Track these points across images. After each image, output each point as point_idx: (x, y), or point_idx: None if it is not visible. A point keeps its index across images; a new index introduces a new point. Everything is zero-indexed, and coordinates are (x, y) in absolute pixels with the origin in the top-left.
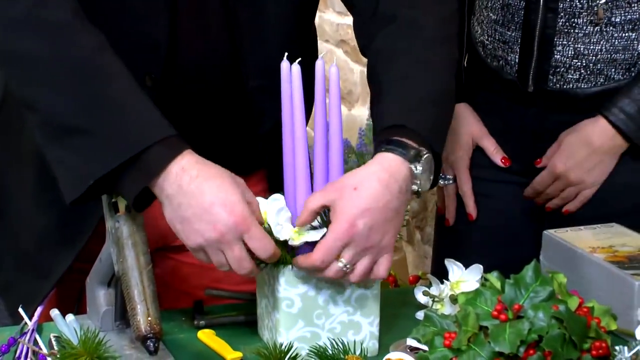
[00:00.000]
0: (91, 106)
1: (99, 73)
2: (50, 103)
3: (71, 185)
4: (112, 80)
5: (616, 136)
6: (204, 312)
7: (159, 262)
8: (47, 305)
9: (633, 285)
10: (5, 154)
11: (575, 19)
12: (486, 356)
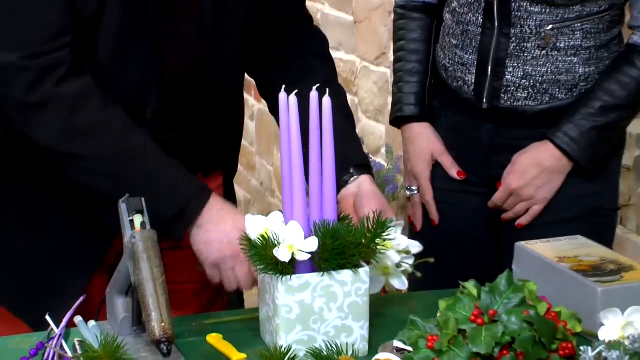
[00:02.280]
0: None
1: (134, 154)
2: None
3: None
4: (145, 157)
5: (562, 158)
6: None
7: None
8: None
9: (596, 292)
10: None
11: (525, 44)
12: (465, 356)
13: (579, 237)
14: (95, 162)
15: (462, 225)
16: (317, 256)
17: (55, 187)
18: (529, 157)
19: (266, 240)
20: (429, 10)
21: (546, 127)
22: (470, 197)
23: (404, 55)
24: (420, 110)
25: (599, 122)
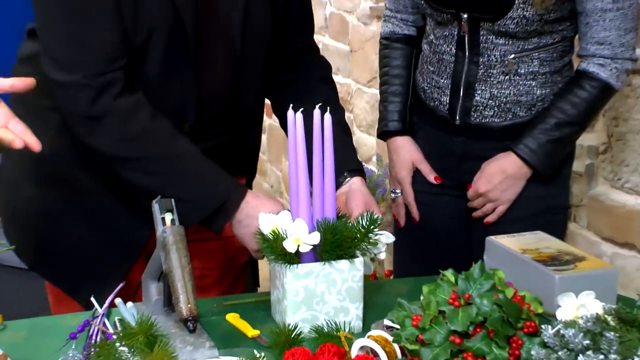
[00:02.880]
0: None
1: (178, 156)
2: (149, 183)
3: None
4: (188, 159)
5: (523, 166)
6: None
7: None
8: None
9: (554, 278)
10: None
11: (491, 70)
12: (444, 334)
13: (539, 232)
14: (146, 164)
15: (439, 222)
16: (319, 248)
17: (107, 190)
18: (495, 165)
19: (276, 235)
20: (410, 41)
21: (509, 140)
22: (445, 198)
23: (388, 79)
24: (403, 125)
25: (554, 136)
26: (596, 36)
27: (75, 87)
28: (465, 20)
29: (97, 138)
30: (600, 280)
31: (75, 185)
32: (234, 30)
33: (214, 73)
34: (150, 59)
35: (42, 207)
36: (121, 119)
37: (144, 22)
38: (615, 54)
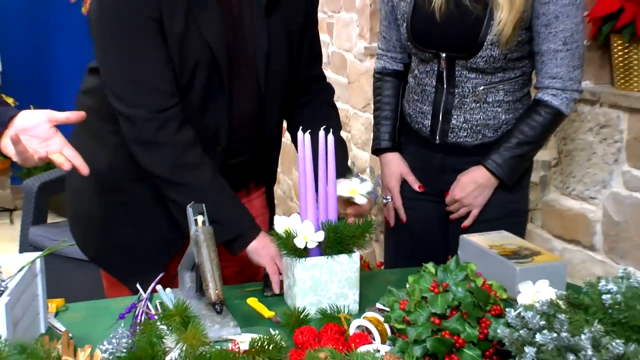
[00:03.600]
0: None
1: (214, 188)
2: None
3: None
4: (221, 192)
5: (491, 177)
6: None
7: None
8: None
9: (515, 270)
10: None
11: (464, 99)
12: (426, 315)
13: (503, 232)
14: (189, 190)
15: (422, 223)
16: (323, 245)
17: (150, 199)
18: (468, 176)
19: (288, 234)
20: (398, 75)
21: (480, 156)
22: (427, 203)
23: (380, 106)
24: (392, 144)
25: (516, 153)
26: (550, 72)
27: (140, 120)
28: (444, 58)
29: (155, 162)
30: (552, 271)
31: (126, 195)
32: (259, 68)
33: (242, 104)
34: (192, 93)
35: (100, 211)
36: (179, 150)
37: (188, 62)
38: (565, 86)
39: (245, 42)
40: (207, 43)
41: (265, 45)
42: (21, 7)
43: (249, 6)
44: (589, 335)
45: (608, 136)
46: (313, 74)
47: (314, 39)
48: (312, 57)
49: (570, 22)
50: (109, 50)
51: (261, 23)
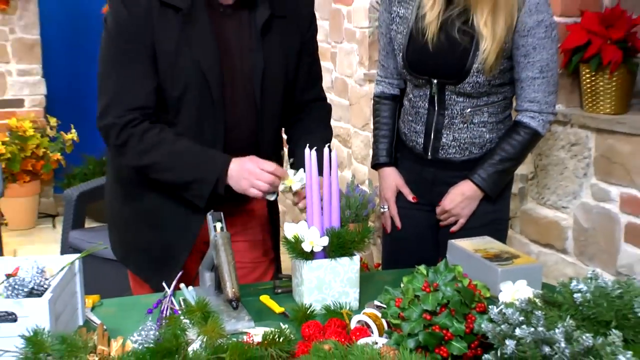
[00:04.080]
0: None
1: (181, 151)
2: (169, 177)
3: (199, 201)
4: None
5: (477, 190)
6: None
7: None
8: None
9: (497, 271)
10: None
11: (453, 120)
12: (418, 312)
13: (487, 237)
14: (160, 165)
15: (415, 229)
16: (327, 248)
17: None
18: (457, 189)
19: (297, 239)
20: (395, 99)
21: (467, 170)
22: (420, 212)
23: (379, 126)
24: (390, 159)
25: (499, 168)
26: (528, 96)
27: (108, 127)
28: (435, 84)
29: (125, 157)
30: (530, 272)
31: (144, 202)
32: (255, 86)
33: (237, 121)
34: (185, 109)
35: (124, 217)
36: (137, 139)
37: (179, 79)
38: (541, 109)
39: (241, 61)
40: (198, 63)
41: (261, 64)
42: (64, 39)
43: (246, 28)
44: (562, 330)
45: (578, 153)
46: (311, 96)
47: (312, 63)
48: (310, 80)
49: (545, 53)
50: (100, 67)
51: (257, 44)
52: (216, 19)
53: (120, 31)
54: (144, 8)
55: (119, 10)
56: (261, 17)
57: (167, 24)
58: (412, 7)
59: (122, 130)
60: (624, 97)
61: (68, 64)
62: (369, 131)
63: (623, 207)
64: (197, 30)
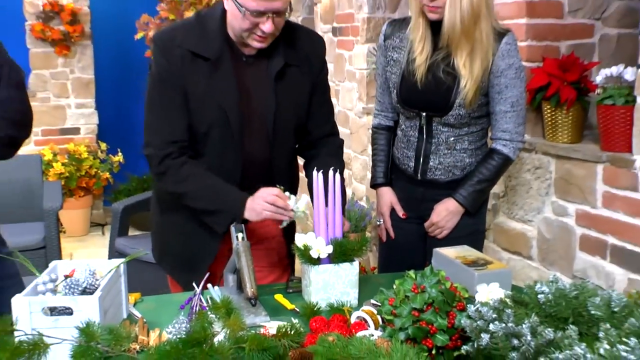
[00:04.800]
0: (216, 202)
1: (210, 185)
2: (199, 204)
3: (220, 228)
4: (216, 192)
5: (459, 206)
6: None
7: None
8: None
9: (474, 275)
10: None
11: (439, 147)
12: (408, 309)
13: (465, 246)
14: (192, 194)
15: (406, 239)
16: (331, 255)
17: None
18: (442, 205)
19: (306, 247)
20: (390, 129)
21: (451, 190)
22: (410, 225)
23: (376, 152)
24: (386, 180)
25: (477, 188)
26: (501, 127)
27: (150, 157)
28: (424, 116)
29: (163, 184)
30: (501, 276)
31: (176, 215)
32: (268, 125)
33: (253, 153)
34: (210, 143)
35: (161, 227)
36: (175, 171)
37: (205, 119)
38: (512, 138)
39: (258, 103)
40: (222, 104)
41: (273, 106)
42: (114, 78)
43: (263, 75)
44: (528, 325)
45: (541, 175)
46: (324, 132)
47: (324, 103)
48: (322, 117)
49: (516, 91)
50: (145, 105)
51: (270, 90)
52: (238, 67)
53: (160, 77)
54: (179, 58)
55: (160, 60)
56: (276, 65)
57: (197, 71)
58: (404, 52)
59: (162, 161)
60: (579, 129)
61: (116, 99)
62: (367, 156)
63: (578, 221)
64: (221, 76)
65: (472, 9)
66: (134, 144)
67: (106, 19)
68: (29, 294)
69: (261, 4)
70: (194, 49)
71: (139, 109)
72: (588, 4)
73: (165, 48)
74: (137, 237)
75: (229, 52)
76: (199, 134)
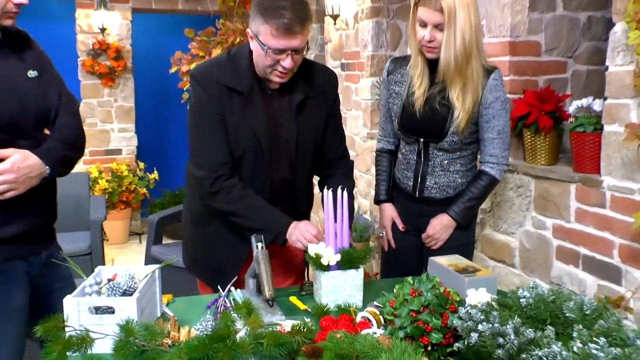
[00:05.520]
0: (262, 221)
1: (256, 206)
2: (244, 223)
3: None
4: (262, 207)
5: (452, 221)
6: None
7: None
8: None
9: (464, 280)
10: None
11: (435, 168)
12: (407, 311)
13: (457, 255)
14: (242, 213)
15: (405, 249)
16: (339, 263)
17: (224, 229)
18: (437, 220)
19: (317, 255)
20: (391, 153)
21: (445, 206)
22: (409, 237)
23: (380, 172)
24: (387, 197)
25: (468, 205)
26: (489, 152)
27: (202, 179)
28: (422, 142)
29: (215, 202)
30: (488, 282)
31: (208, 227)
32: (291, 148)
33: (279, 172)
34: (244, 165)
35: (192, 237)
36: (227, 192)
37: (240, 144)
38: (499, 162)
39: (283, 130)
40: (255, 132)
41: (295, 134)
42: (151, 106)
43: (286, 106)
44: (512, 325)
45: (522, 193)
46: (337, 154)
47: (336, 129)
48: (335, 142)
49: (502, 120)
50: (191, 133)
51: (292, 120)
52: (266, 99)
53: (202, 109)
54: (217, 91)
55: (200, 93)
56: (297, 98)
57: (232, 103)
58: (405, 86)
59: (214, 183)
60: (555, 153)
61: (153, 124)
62: (371, 175)
63: (554, 234)
64: (253, 107)
65: (464, 50)
66: (168, 164)
67: (145, 56)
68: (77, 295)
69: (281, 43)
70: (229, 84)
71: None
72: (562, 45)
73: (205, 83)
74: (170, 245)
75: (258, 86)
76: (235, 157)
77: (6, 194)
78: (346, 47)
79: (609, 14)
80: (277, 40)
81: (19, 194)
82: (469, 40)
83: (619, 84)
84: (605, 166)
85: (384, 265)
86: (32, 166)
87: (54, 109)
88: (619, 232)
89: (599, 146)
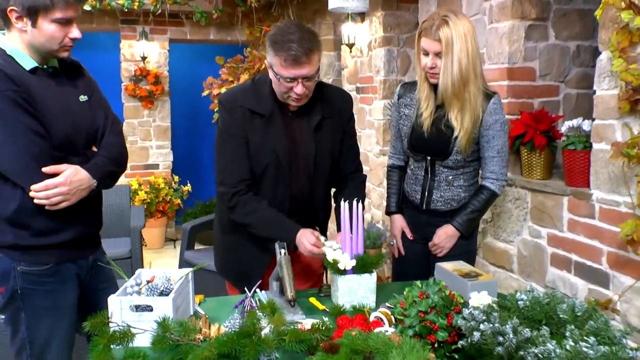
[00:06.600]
0: (274, 231)
1: (270, 217)
2: (260, 233)
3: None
4: (276, 217)
5: (456, 231)
6: (322, 290)
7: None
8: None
9: (467, 284)
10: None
11: (441, 183)
12: (415, 311)
13: (461, 261)
14: (258, 224)
15: (414, 256)
16: (355, 267)
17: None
18: (443, 230)
19: (335, 261)
20: (401, 168)
21: (450, 217)
22: (417, 245)
23: (390, 186)
24: (397, 209)
25: (470, 217)
26: (489, 169)
27: (222, 194)
28: (429, 160)
29: (233, 215)
30: (489, 285)
31: (235, 235)
32: (309, 165)
33: (298, 186)
34: (266, 181)
35: (221, 244)
36: (243, 205)
37: (262, 161)
38: (498, 178)
39: (302, 149)
40: (275, 150)
41: (313, 152)
42: (185, 125)
43: (305, 127)
44: (511, 325)
45: (520, 205)
46: (351, 169)
47: (351, 146)
48: (350, 158)
49: (500, 140)
50: (216, 152)
51: (311, 138)
52: (286, 121)
53: (226, 130)
54: (241, 114)
55: (225, 117)
56: (315, 119)
57: (255, 125)
58: (414, 109)
59: (233, 197)
60: (549, 168)
61: (187, 142)
62: (383, 188)
63: (549, 242)
64: (274, 128)
65: (460, 76)
66: (200, 177)
67: (180, 81)
68: (120, 295)
69: (291, 72)
70: (252, 107)
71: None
72: (554, 70)
73: (230, 107)
74: (202, 251)
75: (278, 109)
76: (257, 174)
77: (60, 204)
78: (361, 73)
79: (596, 43)
80: (286, 70)
81: (70, 205)
82: (466, 67)
83: (605, 106)
84: (594, 181)
85: (395, 270)
86: (82, 180)
87: (101, 128)
88: (607, 241)
89: (589, 162)
